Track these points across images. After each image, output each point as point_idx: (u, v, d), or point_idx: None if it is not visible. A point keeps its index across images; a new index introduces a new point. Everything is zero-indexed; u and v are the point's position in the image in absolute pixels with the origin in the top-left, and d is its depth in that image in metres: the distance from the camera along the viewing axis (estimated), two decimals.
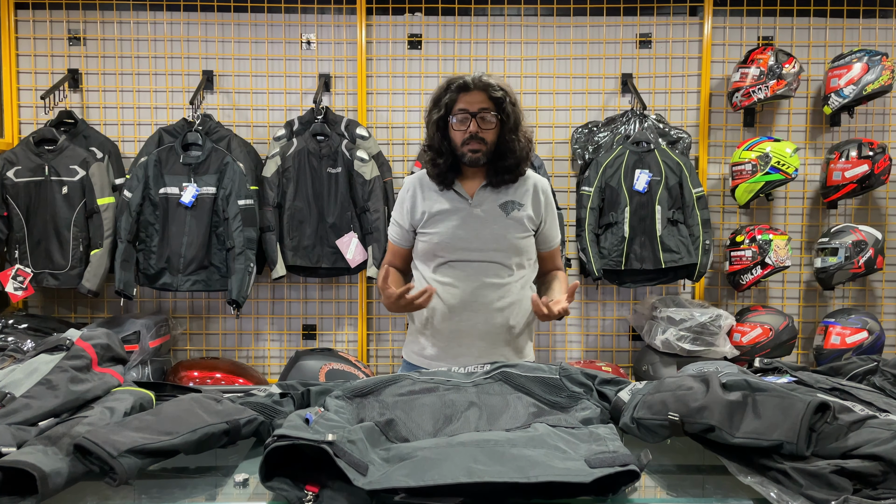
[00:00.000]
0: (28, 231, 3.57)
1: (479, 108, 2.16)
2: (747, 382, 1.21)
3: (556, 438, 1.20)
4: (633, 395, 1.39)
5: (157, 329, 3.71)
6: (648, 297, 3.89)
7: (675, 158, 3.64)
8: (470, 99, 2.17)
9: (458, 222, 2.23)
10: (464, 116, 2.17)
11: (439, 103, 2.22)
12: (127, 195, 3.55)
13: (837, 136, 3.98)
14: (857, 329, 3.63)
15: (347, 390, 1.45)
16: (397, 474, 1.05)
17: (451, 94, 2.19)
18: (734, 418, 1.15)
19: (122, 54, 3.94)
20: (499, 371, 1.52)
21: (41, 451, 1.08)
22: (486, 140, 2.18)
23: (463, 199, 2.26)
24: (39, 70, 3.93)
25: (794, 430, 1.08)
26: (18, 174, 3.56)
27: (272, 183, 3.63)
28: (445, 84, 2.23)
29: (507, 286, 2.22)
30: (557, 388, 1.46)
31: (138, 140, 3.90)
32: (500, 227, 2.23)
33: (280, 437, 1.09)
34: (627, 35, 3.97)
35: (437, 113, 2.22)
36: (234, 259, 3.54)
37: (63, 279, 3.59)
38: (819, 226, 3.99)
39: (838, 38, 3.95)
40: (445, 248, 2.23)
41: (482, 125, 2.16)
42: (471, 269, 2.21)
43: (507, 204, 2.26)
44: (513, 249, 2.24)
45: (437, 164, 2.25)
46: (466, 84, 2.17)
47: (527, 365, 1.54)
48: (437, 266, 2.25)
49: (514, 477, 1.03)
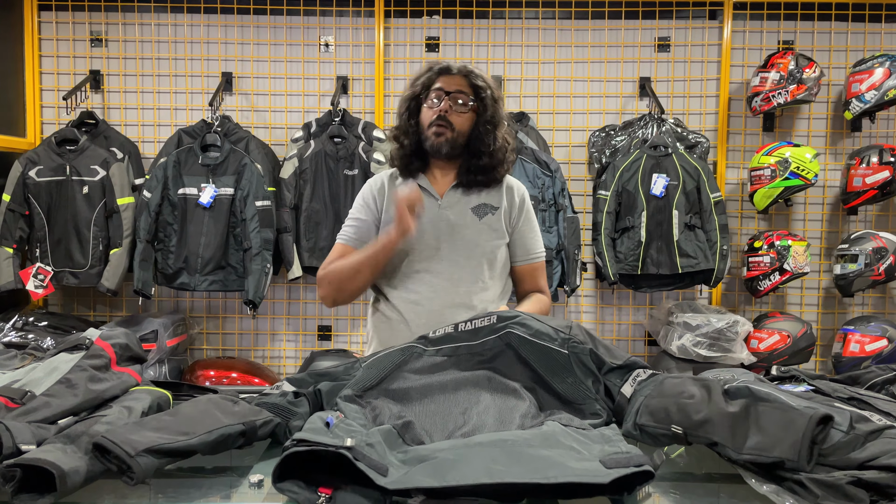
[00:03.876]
0: (49, 230, 3.61)
1: (454, 88, 2.00)
2: (749, 390, 1.20)
3: (569, 438, 1.20)
4: (636, 393, 1.37)
5: (175, 328, 3.74)
6: (665, 302, 3.87)
7: (692, 163, 3.62)
8: (449, 81, 2.02)
9: (426, 224, 2.00)
10: (437, 94, 2.00)
11: (416, 82, 2.06)
12: (146, 195, 3.58)
13: (858, 141, 3.94)
14: (876, 337, 3.59)
15: (358, 388, 1.44)
16: (418, 475, 1.05)
17: (430, 75, 2.04)
18: (737, 434, 1.14)
19: (142, 56, 3.98)
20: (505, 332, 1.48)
21: (60, 449, 1.09)
22: (454, 125, 1.99)
23: (432, 199, 2.05)
24: (62, 71, 3.98)
25: (796, 449, 1.07)
26: (40, 174, 3.61)
27: (289, 184, 3.66)
28: (427, 66, 2.08)
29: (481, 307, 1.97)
30: (564, 370, 1.43)
31: (158, 141, 3.93)
32: (473, 232, 2.02)
33: (300, 442, 1.09)
34: (646, 38, 3.95)
35: (411, 90, 2.06)
36: (252, 260, 3.56)
37: (83, 278, 3.63)
38: (839, 232, 3.95)
39: (860, 43, 3.91)
40: (411, 253, 2.01)
41: (454, 106, 1.99)
42: (439, 283, 1.99)
43: (481, 207, 2.05)
44: (487, 259, 2.03)
45: (403, 146, 2.07)
46: (449, 67, 2.04)
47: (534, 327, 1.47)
48: (401, 279, 2.02)
49: (534, 478, 1.04)
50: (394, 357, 1.49)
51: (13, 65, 3.91)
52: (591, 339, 1.48)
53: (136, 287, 3.57)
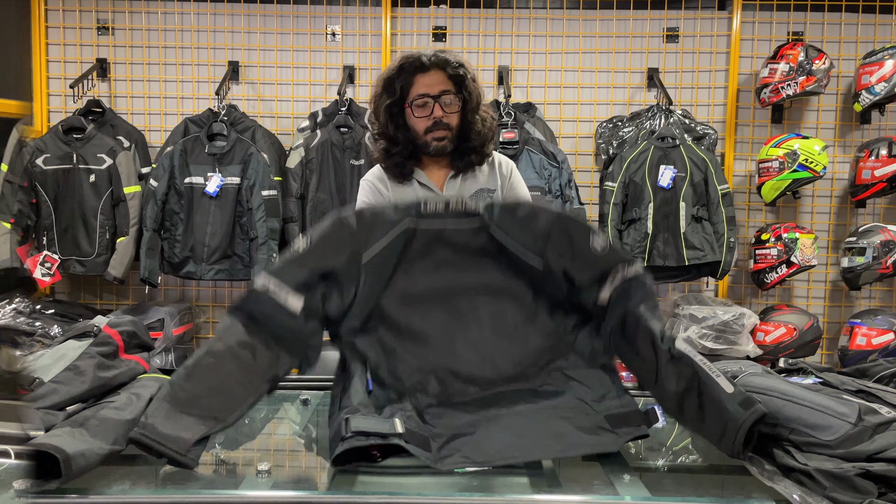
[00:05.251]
0: (56, 218, 3.61)
1: (439, 90, 1.97)
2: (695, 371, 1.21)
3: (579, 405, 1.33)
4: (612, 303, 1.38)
5: (181, 317, 3.74)
6: (671, 294, 3.86)
7: (700, 155, 3.60)
8: (428, 81, 1.97)
9: None
10: (424, 101, 1.96)
11: (392, 87, 1.99)
12: (153, 184, 3.58)
13: (867, 133, 3.91)
14: (883, 330, 3.57)
15: (360, 315, 1.44)
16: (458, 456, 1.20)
17: (405, 77, 1.98)
18: (684, 411, 1.23)
19: (149, 44, 3.97)
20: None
21: (67, 433, 1.10)
22: (450, 125, 2.00)
23: (433, 193, 2.03)
24: (68, 59, 3.97)
25: (730, 449, 1.15)
26: (47, 162, 3.60)
27: (295, 174, 3.65)
28: (398, 65, 1.99)
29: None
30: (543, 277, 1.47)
31: (164, 129, 3.93)
32: None
33: (357, 434, 1.16)
34: (654, 29, 3.93)
35: (390, 98, 2.00)
36: (257, 249, 3.56)
37: (89, 266, 3.63)
38: (847, 225, 3.93)
39: (870, 35, 3.87)
40: None
41: (446, 109, 1.97)
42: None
43: (479, 193, 2.08)
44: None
45: (393, 153, 2.04)
46: (423, 64, 1.97)
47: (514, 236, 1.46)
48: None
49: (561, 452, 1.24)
50: (395, 245, 1.45)
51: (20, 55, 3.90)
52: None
53: (142, 275, 3.58)
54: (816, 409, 1.17)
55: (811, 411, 1.17)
